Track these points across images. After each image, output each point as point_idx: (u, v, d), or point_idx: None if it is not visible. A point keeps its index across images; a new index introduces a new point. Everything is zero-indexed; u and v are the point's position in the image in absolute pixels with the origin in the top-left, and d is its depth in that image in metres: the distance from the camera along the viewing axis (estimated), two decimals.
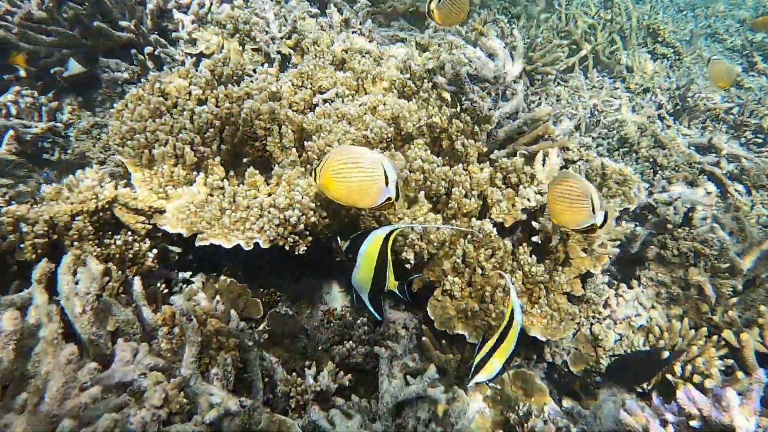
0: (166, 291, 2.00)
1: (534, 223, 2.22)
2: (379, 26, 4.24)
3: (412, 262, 2.00)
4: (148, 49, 3.01)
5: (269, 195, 1.97)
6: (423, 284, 2.17)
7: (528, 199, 2.28)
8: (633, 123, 3.91)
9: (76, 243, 1.72)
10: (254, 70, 2.79)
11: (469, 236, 2.14)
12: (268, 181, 2.06)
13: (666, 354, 2.16)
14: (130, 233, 1.92)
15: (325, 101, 2.55)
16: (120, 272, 1.74)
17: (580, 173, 2.65)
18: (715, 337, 2.47)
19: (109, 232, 1.88)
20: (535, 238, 2.22)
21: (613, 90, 4.55)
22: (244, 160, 2.30)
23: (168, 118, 2.15)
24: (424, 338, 2.01)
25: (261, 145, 2.19)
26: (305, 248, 1.93)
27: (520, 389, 2.43)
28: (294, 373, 1.93)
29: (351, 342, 2.01)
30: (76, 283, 1.40)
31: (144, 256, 1.90)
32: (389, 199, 1.37)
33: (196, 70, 2.98)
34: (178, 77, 2.53)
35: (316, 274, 2.50)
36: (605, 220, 1.57)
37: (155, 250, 1.94)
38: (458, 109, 2.62)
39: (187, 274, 2.23)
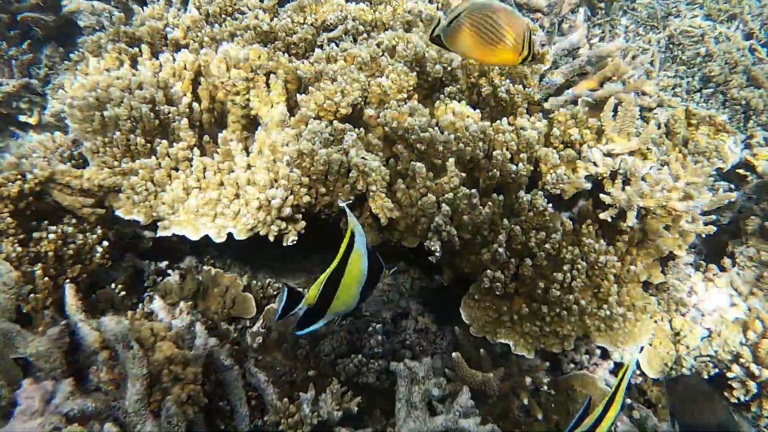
0: (123, 293, 1.57)
1: (603, 196, 1.68)
2: None
3: (438, 253, 1.50)
4: None
5: (248, 168, 1.50)
6: (456, 277, 1.69)
7: (594, 163, 1.73)
8: (720, 57, 3.20)
9: None
10: (248, 6, 2.26)
11: (516, 216, 1.63)
12: (251, 149, 1.58)
13: None
14: (73, 222, 1.49)
15: (331, 41, 2.02)
16: (47, 278, 1.31)
17: (660, 126, 2.06)
18: None
19: (45, 222, 1.45)
20: (604, 215, 1.68)
21: (692, 18, 3.79)
22: (230, 119, 1.82)
23: (126, 69, 1.69)
24: (455, 354, 1.53)
25: (244, 101, 1.70)
26: (295, 238, 1.47)
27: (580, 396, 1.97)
28: (287, 399, 1.50)
29: (360, 356, 1.56)
30: None
31: (91, 251, 1.47)
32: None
33: (185, 9, 2.50)
34: (151, 18, 2.05)
35: (326, 247, 2.05)
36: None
37: (105, 243, 1.51)
38: None
39: (163, 264, 1.81)
